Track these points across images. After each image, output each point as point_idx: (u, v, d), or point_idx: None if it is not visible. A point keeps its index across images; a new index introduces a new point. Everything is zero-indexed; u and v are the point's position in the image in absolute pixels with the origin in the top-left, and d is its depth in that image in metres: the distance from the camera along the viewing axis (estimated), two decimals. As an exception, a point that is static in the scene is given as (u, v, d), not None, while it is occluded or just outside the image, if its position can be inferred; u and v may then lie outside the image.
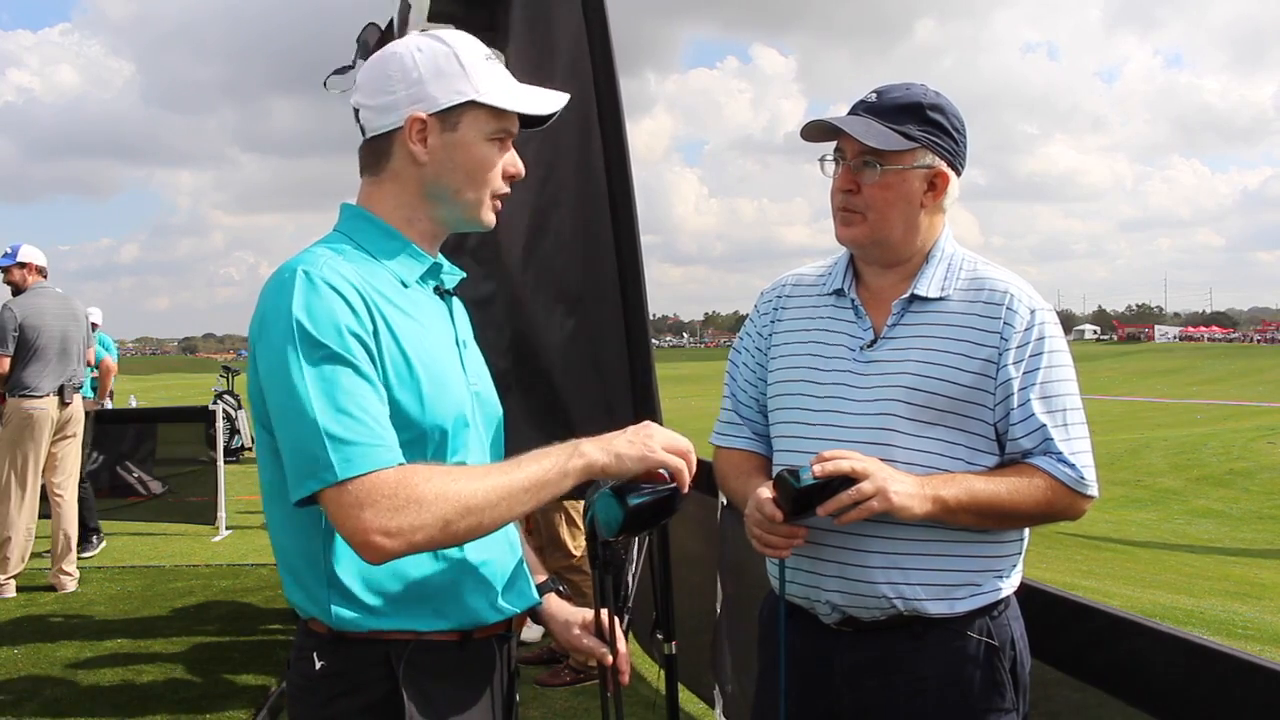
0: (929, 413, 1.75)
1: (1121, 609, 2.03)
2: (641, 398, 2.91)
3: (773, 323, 1.98)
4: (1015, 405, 1.75)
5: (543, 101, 1.57)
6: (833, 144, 1.85)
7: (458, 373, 1.55)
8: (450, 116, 1.50)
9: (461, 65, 1.50)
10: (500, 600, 1.56)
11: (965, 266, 1.85)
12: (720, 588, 3.66)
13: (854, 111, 1.83)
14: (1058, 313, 1.83)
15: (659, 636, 3.02)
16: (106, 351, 7.83)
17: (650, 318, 3.02)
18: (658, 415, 2.91)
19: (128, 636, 5.34)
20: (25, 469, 6.16)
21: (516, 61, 2.88)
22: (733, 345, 2.09)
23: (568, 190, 2.98)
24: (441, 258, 1.63)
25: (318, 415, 1.34)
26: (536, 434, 2.98)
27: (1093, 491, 1.77)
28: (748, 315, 2.10)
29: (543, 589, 1.73)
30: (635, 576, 3.65)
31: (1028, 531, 1.85)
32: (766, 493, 1.73)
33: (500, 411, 1.67)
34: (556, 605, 1.73)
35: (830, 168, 1.86)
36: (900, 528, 1.72)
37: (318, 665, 1.48)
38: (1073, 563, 9.02)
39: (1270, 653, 5.51)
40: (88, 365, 6.63)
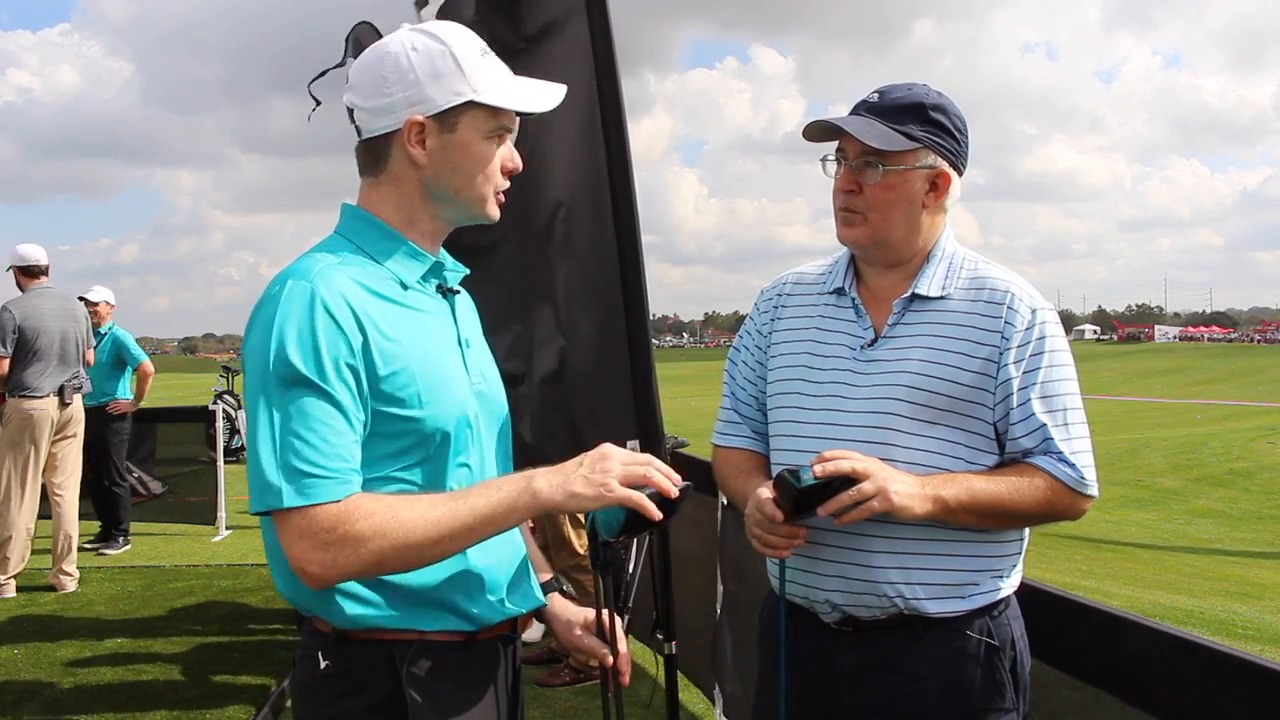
0: (929, 412, 1.75)
1: (1121, 609, 2.03)
2: (641, 398, 2.91)
3: (773, 321, 1.98)
4: (1015, 405, 1.75)
5: (541, 97, 1.55)
6: (834, 144, 1.85)
7: (459, 373, 1.54)
8: (449, 117, 1.49)
9: (458, 64, 1.48)
10: (505, 601, 1.56)
11: (966, 266, 1.85)
12: (720, 587, 3.66)
13: (856, 111, 1.83)
14: (1058, 313, 1.83)
15: (659, 636, 3.02)
16: (142, 357, 7.86)
17: (650, 318, 3.01)
18: (657, 416, 2.91)
19: (128, 636, 5.34)
20: (25, 469, 6.16)
21: (518, 58, 2.88)
22: (733, 344, 2.09)
23: (568, 191, 2.98)
24: (444, 255, 1.62)
25: (277, 440, 1.35)
26: (536, 435, 2.99)
27: (1093, 491, 1.77)
28: (748, 315, 2.09)
29: (546, 588, 1.73)
30: (635, 576, 3.65)
31: (1028, 531, 1.85)
32: (767, 493, 1.72)
33: (506, 410, 1.67)
34: (559, 605, 1.73)
35: (832, 168, 1.86)
36: (901, 527, 1.72)
37: (322, 665, 1.48)
38: (1073, 563, 9.02)
39: (1270, 653, 5.51)
40: (87, 365, 6.63)
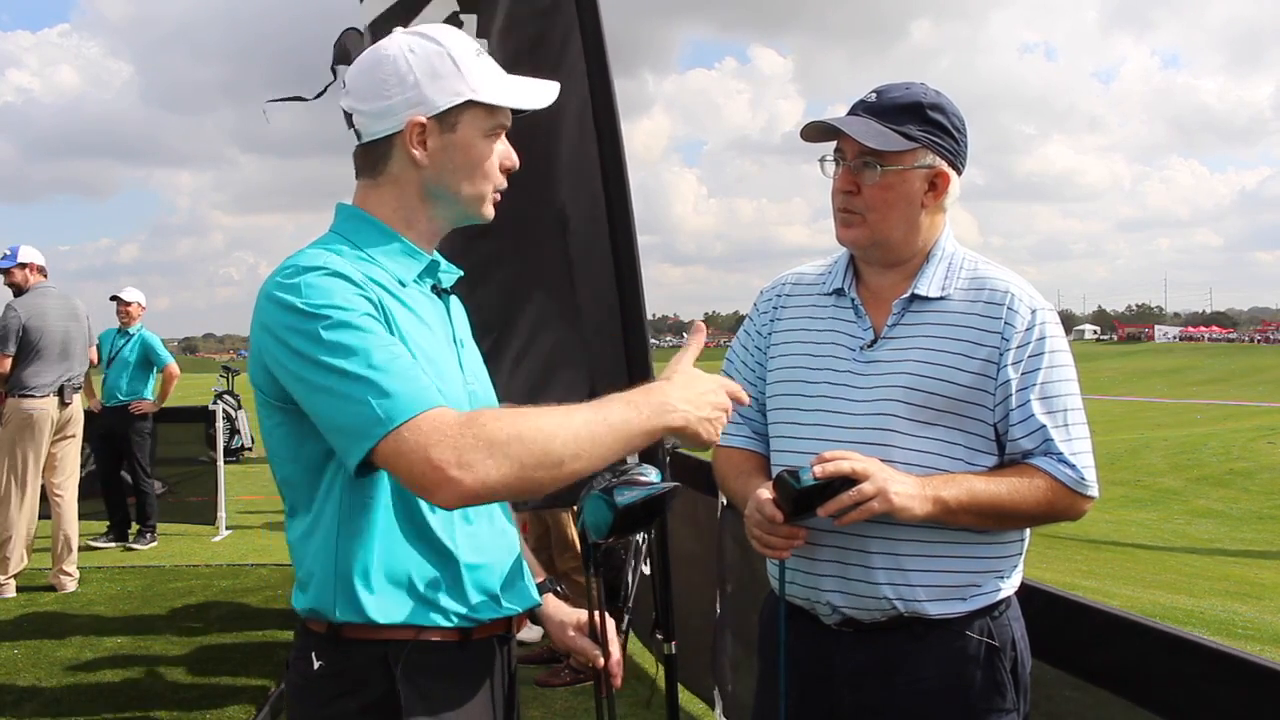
0: (929, 413, 1.75)
1: (1121, 609, 2.03)
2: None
3: (772, 321, 1.97)
4: (1015, 405, 1.74)
5: (536, 94, 1.57)
6: (833, 145, 1.85)
7: (455, 372, 1.55)
8: (449, 117, 1.50)
9: (455, 64, 1.50)
10: (501, 600, 1.56)
11: (966, 266, 1.84)
12: (720, 587, 3.66)
13: (854, 111, 1.82)
14: (1058, 313, 1.83)
15: (659, 636, 3.02)
16: (168, 359, 7.92)
17: (650, 318, 3.01)
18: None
19: (128, 636, 5.34)
20: (25, 469, 6.16)
21: (507, 59, 2.88)
22: (732, 344, 2.09)
23: (563, 192, 2.97)
24: (439, 256, 1.62)
25: (350, 380, 1.31)
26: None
27: (1093, 492, 1.76)
28: (747, 315, 2.09)
29: (541, 589, 1.73)
30: (635, 576, 3.65)
31: (1028, 532, 1.85)
32: (766, 493, 1.72)
33: None
34: (554, 606, 1.74)
35: (830, 168, 1.85)
36: (901, 528, 1.72)
37: (316, 665, 1.48)
38: (1073, 563, 9.02)
39: (1270, 653, 5.51)
40: (92, 365, 6.64)
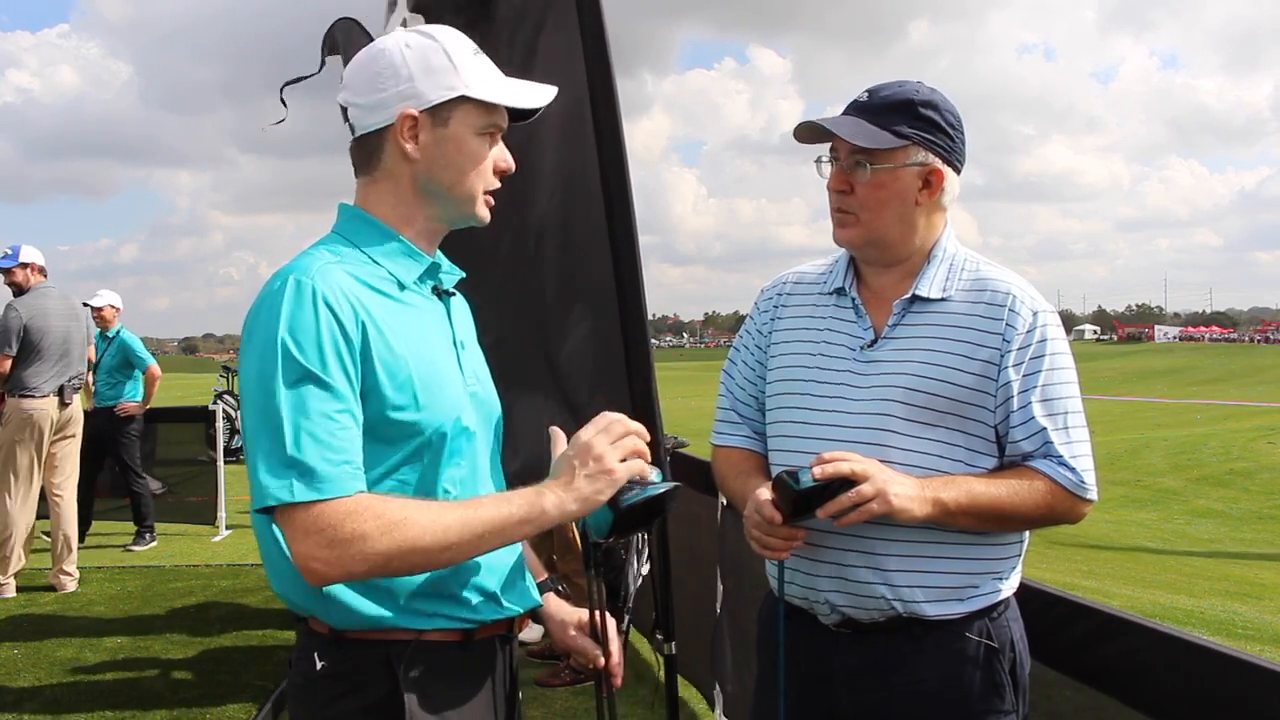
0: (929, 414, 1.75)
1: (1121, 609, 2.02)
2: (641, 399, 2.91)
3: (772, 320, 1.97)
4: (1016, 407, 1.74)
5: (532, 95, 1.56)
6: (828, 145, 1.85)
7: (455, 374, 1.54)
8: (441, 112, 1.50)
9: (450, 60, 1.50)
10: (502, 600, 1.56)
11: (967, 267, 1.84)
12: (720, 587, 3.66)
13: (846, 111, 1.82)
14: (1058, 313, 1.82)
15: (659, 636, 3.02)
16: (149, 360, 7.83)
17: (650, 318, 3.01)
18: (657, 417, 2.91)
19: (128, 636, 5.34)
20: (25, 469, 6.16)
21: (508, 61, 2.89)
22: (733, 344, 2.08)
23: (564, 193, 2.98)
24: (441, 257, 1.62)
25: (284, 435, 1.34)
26: (533, 436, 2.99)
27: (1093, 495, 1.76)
28: (747, 314, 2.09)
29: (543, 588, 1.73)
30: (636, 577, 3.65)
31: (1027, 534, 1.85)
32: (766, 494, 1.72)
33: (499, 412, 1.67)
34: (555, 605, 1.73)
35: (825, 169, 1.85)
36: (900, 530, 1.71)
37: (318, 665, 1.48)
38: (1073, 563, 9.02)
39: (1270, 653, 5.51)
40: (89, 363, 6.64)
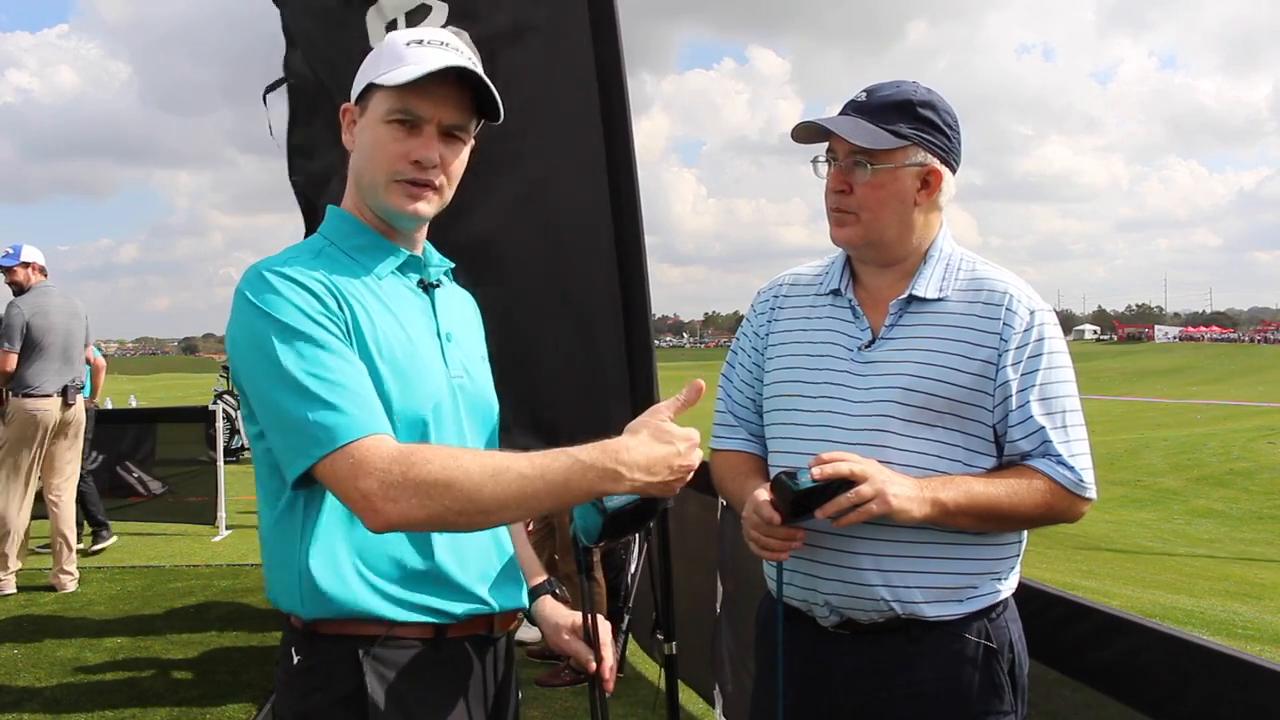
0: (927, 414, 1.75)
1: (1121, 609, 2.03)
2: (642, 399, 2.91)
3: (769, 322, 1.97)
4: (1014, 407, 1.74)
5: (416, 70, 1.46)
6: (825, 145, 1.84)
7: (436, 365, 1.54)
8: (364, 102, 1.54)
9: (380, 53, 1.54)
10: (475, 598, 1.54)
11: (964, 267, 1.84)
12: (720, 587, 3.66)
13: (844, 111, 1.82)
14: (1058, 313, 1.82)
15: (659, 636, 3.02)
16: (94, 353, 7.74)
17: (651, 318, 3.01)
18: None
19: (128, 636, 5.35)
20: (25, 468, 6.16)
21: (513, 56, 2.89)
22: (731, 347, 2.08)
23: (568, 193, 2.97)
24: (430, 251, 1.64)
25: (298, 393, 1.34)
26: (533, 437, 2.99)
27: (1091, 494, 1.76)
28: (745, 315, 2.09)
29: (539, 591, 1.73)
30: (635, 577, 3.65)
31: (1026, 534, 1.85)
32: (764, 495, 1.72)
33: (494, 405, 1.67)
34: (550, 608, 1.72)
35: (823, 169, 1.85)
36: (898, 530, 1.71)
37: (295, 660, 1.50)
38: (1072, 563, 9.02)
39: (1270, 653, 5.51)
40: (86, 363, 6.63)
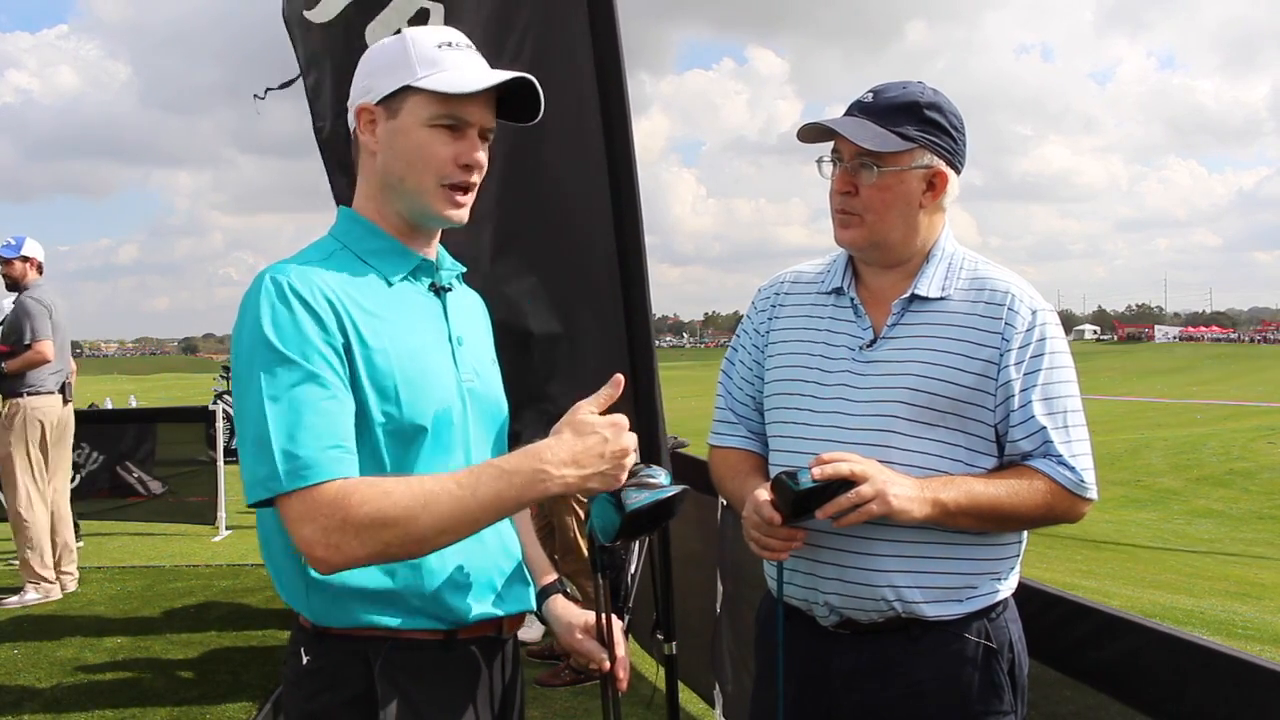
0: (929, 414, 1.74)
1: (1121, 609, 2.03)
2: (644, 399, 2.90)
3: (770, 320, 1.97)
4: (1016, 407, 1.74)
5: (474, 80, 1.50)
6: (830, 145, 1.84)
7: (446, 369, 1.55)
8: (392, 104, 1.52)
9: (408, 54, 1.51)
10: (488, 603, 1.55)
11: (966, 266, 1.84)
12: (720, 587, 3.66)
13: (850, 112, 1.82)
14: (1058, 313, 1.82)
15: (659, 636, 3.02)
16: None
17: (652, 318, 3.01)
18: (659, 418, 2.91)
19: (128, 636, 5.34)
20: (39, 468, 6.11)
21: (513, 55, 2.89)
22: (730, 344, 2.08)
23: (569, 191, 2.97)
24: (442, 255, 1.63)
25: (271, 425, 1.35)
26: (532, 439, 2.98)
27: (1092, 495, 1.76)
28: (745, 313, 2.08)
29: (549, 590, 1.73)
30: (635, 577, 3.65)
31: (1026, 534, 1.85)
32: (764, 495, 1.72)
33: (505, 408, 1.67)
34: (561, 607, 1.73)
35: (828, 169, 1.84)
36: (899, 530, 1.71)
37: (304, 660, 1.50)
38: (1073, 563, 9.02)
39: (1270, 653, 5.51)
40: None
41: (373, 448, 1.45)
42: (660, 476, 1.51)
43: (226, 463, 8.74)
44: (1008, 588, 1.81)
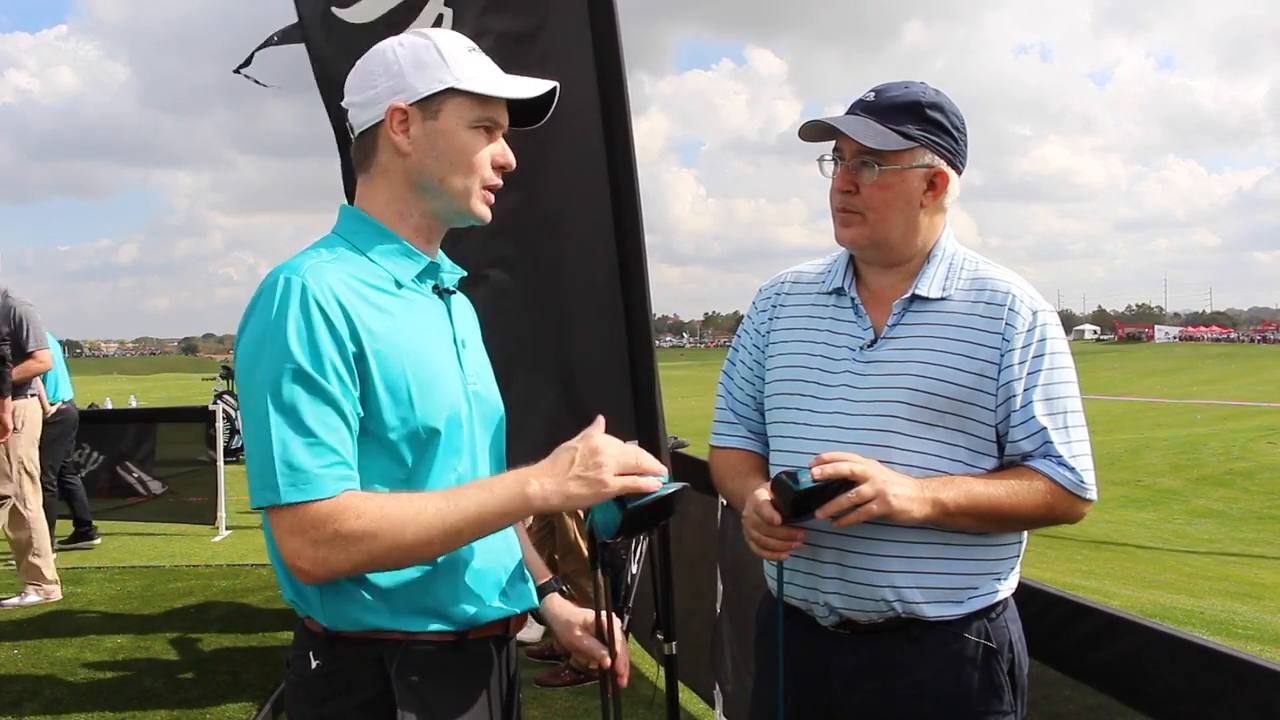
0: (929, 414, 1.74)
1: (1121, 609, 2.03)
2: (643, 399, 2.91)
3: (770, 320, 1.97)
4: (1017, 407, 1.74)
5: (524, 86, 1.56)
6: (831, 144, 1.84)
7: (454, 372, 1.55)
8: (431, 105, 1.52)
9: (441, 55, 1.52)
10: (496, 601, 1.57)
11: (966, 266, 1.84)
12: (720, 587, 3.66)
13: (852, 111, 1.82)
14: (1058, 313, 1.82)
15: (659, 636, 3.02)
16: None
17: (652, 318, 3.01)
18: (659, 416, 2.91)
19: (128, 636, 5.34)
20: (35, 467, 6.14)
21: (516, 57, 2.88)
22: (731, 344, 2.08)
23: (569, 191, 2.97)
24: (442, 257, 1.63)
25: (273, 435, 1.36)
26: (534, 438, 2.99)
27: (1092, 495, 1.76)
28: (746, 313, 2.08)
29: (546, 589, 1.74)
30: (635, 577, 3.65)
31: (1026, 534, 1.85)
32: (765, 495, 1.72)
33: (502, 410, 1.68)
34: (559, 605, 1.73)
35: (829, 168, 1.84)
36: (899, 530, 1.71)
37: (313, 664, 1.49)
38: (1073, 563, 9.02)
39: (1270, 653, 5.51)
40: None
41: (392, 452, 1.45)
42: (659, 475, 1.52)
43: (226, 463, 8.74)
44: (1008, 588, 1.81)
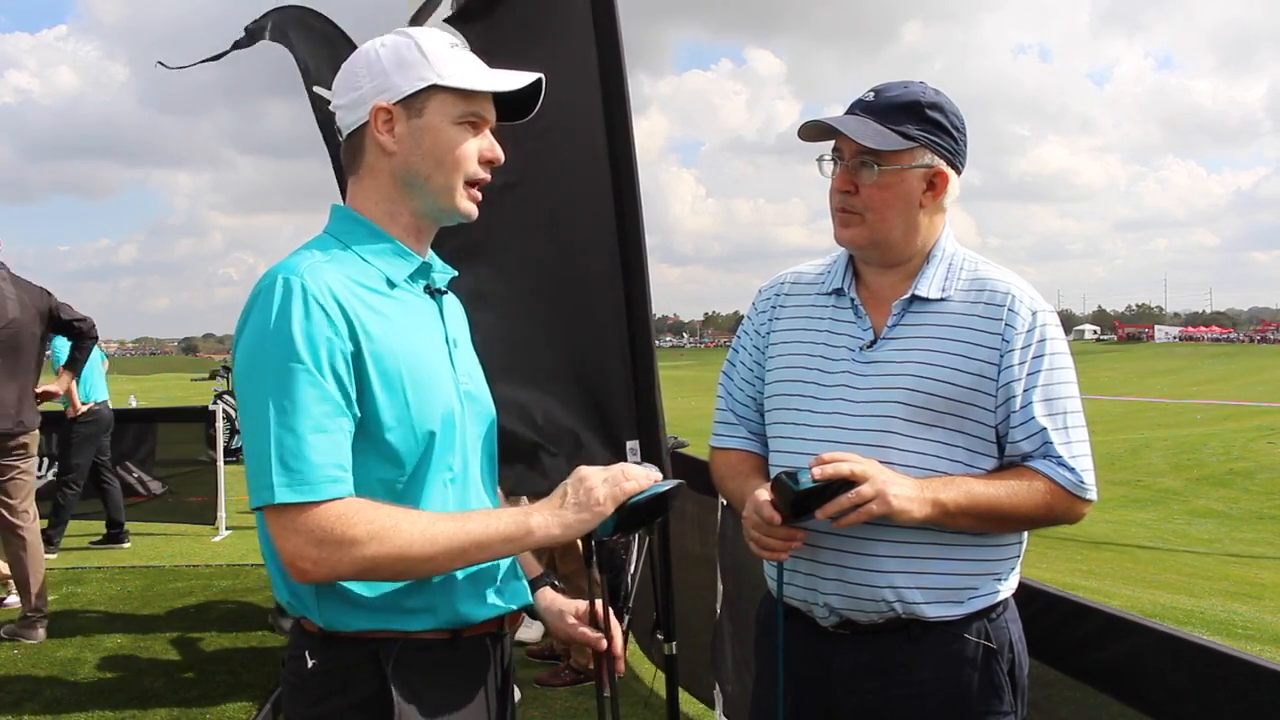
0: (929, 414, 1.74)
1: (1121, 609, 2.03)
2: (644, 398, 2.91)
3: (770, 320, 1.97)
4: (1016, 407, 1.74)
5: (507, 80, 1.56)
6: (831, 144, 1.84)
7: (447, 372, 1.56)
8: (415, 103, 1.52)
9: (423, 53, 1.52)
10: (491, 599, 1.57)
11: (966, 267, 1.84)
12: (720, 587, 3.66)
13: (852, 111, 1.82)
14: (1058, 313, 1.82)
15: (659, 636, 3.02)
16: None
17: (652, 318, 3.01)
18: (659, 416, 2.91)
19: (128, 636, 5.35)
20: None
21: (518, 55, 2.88)
22: (731, 345, 2.08)
23: (569, 190, 2.97)
24: (433, 257, 1.64)
25: (273, 435, 1.36)
26: (534, 438, 2.99)
27: (1092, 496, 1.76)
28: (746, 314, 2.08)
29: (538, 583, 1.74)
30: (635, 577, 3.65)
31: (1026, 534, 1.85)
32: (765, 495, 1.72)
33: (493, 411, 1.68)
34: (551, 597, 1.74)
35: (828, 168, 1.84)
36: (899, 530, 1.71)
37: (309, 664, 1.50)
38: (1073, 563, 9.02)
39: (1270, 653, 5.51)
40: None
41: (388, 452, 1.45)
42: (656, 473, 1.54)
43: (226, 463, 8.74)
44: (1008, 588, 1.81)
